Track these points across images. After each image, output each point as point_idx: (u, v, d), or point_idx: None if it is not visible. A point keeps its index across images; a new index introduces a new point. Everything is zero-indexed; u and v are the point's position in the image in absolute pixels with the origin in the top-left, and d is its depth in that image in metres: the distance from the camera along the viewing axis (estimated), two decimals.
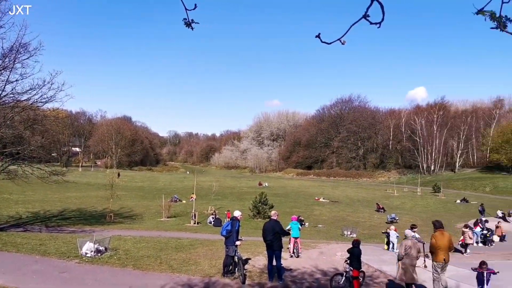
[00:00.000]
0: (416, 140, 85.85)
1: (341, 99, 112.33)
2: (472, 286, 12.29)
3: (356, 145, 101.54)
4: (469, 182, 65.43)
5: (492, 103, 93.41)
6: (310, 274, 11.64)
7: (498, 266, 17.68)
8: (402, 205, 45.26)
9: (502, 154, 71.27)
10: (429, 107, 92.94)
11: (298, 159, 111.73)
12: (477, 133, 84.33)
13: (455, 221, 32.26)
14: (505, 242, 24.38)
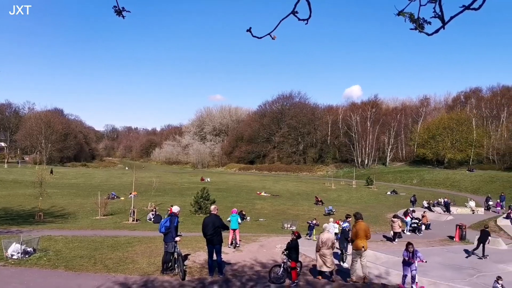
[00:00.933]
0: (352, 135, 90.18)
1: (282, 95, 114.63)
2: (400, 272, 13.26)
3: (296, 140, 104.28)
4: (398, 175, 70.18)
5: (419, 102, 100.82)
6: (250, 267, 11.81)
7: (426, 251, 19.20)
8: (339, 197, 47.43)
9: (428, 149, 77.29)
10: (363, 105, 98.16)
11: (240, 154, 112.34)
12: (406, 129, 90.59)
13: (386, 212, 34.50)
14: (430, 230, 26.51)
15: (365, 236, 10.81)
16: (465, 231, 23.40)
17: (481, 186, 51.22)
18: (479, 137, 74.03)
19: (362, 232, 10.75)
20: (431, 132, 77.62)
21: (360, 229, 10.77)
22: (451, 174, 62.71)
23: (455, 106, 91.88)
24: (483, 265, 16.96)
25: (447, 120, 77.71)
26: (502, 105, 78.28)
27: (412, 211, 28.71)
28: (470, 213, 34.08)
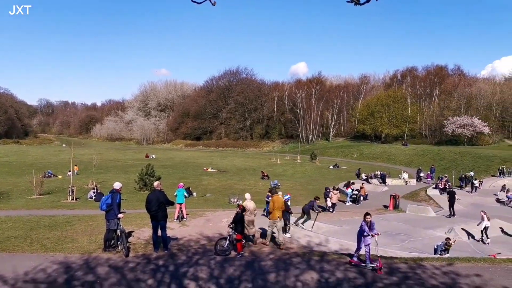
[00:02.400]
0: (297, 112, 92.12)
1: (229, 71, 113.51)
2: (338, 239, 14.06)
3: (243, 117, 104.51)
4: (340, 150, 73.28)
5: (360, 80, 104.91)
6: (196, 241, 11.86)
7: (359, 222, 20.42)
8: (284, 172, 48.69)
9: (367, 125, 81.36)
10: (308, 81, 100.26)
11: (187, 130, 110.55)
12: (348, 106, 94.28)
13: (328, 185, 36.04)
14: (367, 201, 28.21)
15: (281, 208, 12.03)
16: (398, 201, 25.22)
17: (414, 159, 55.02)
18: (413, 113, 79.11)
19: (277, 204, 11.97)
20: (370, 109, 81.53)
21: (276, 201, 12.02)
22: (388, 148, 66.61)
23: (392, 84, 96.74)
24: (413, 231, 18.47)
25: (385, 97, 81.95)
26: (435, 83, 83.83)
27: (352, 183, 30.27)
28: (403, 184, 36.65)
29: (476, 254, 14.30)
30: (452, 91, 78.87)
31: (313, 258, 9.76)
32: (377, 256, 9.15)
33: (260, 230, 13.28)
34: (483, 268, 9.06)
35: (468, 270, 8.88)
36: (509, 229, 19.11)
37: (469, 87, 77.18)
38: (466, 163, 45.83)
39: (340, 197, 25.84)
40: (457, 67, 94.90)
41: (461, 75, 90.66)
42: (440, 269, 8.92)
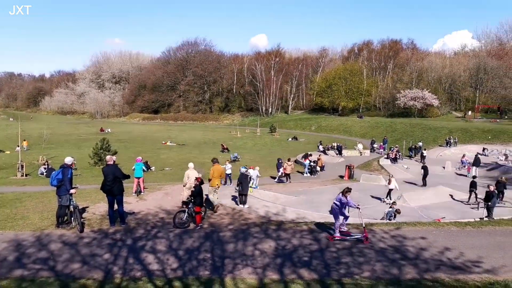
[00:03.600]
0: (257, 84, 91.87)
1: (187, 42, 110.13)
2: (296, 209, 14.50)
3: (202, 89, 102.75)
4: (299, 122, 74.43)
5: (319, 52, 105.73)
6: (155, 214, 11.80)
7: (320, 190, 21.14)
8: (244, 144, 48.93)
9: (325, 97, 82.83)
10: (267, 54, 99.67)
11: (144, 103, 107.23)
12: (307, 79, 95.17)
13: (287, 156, 36.73)
14: (324, 171, 29.08)
15: (219, 176, 13.33)
16: (353, 171, 26.26)
17: (368, 131, 57.06)
18: (369, 86, 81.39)
19: (217, 173, 13.13)
20: (328, 82, 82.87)
21: (216, 170, 13.12)
22: (344, 120, 68.50)
23: (350, 57, 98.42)
24: (365, 199, 19.41)
25: (342, 70, 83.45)
26: (390, 57, 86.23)
27: (310, 155, 31.01)
28: (358, 155, 38.08)
29: (423, 218, 15.29)
30: (405, 64, 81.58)
31: (271, 228, 10.03)
32: (362, 226, 9.42)
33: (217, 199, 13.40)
34: (428, 231, 9.74)
35: (415, 233, 9.52)
36: (456, 195, 20.53)
37: (421, 61, 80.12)
38: (416, 134, 48.17)
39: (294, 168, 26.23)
40: (411, 41, 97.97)
41: (414, 49, 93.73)
42: (388, 233, 9.50)
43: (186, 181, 12.67)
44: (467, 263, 7.60)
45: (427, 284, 6.50)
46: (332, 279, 6.68)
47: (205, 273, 6.96)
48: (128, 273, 6.99)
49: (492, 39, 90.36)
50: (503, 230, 9.86)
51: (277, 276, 6.86)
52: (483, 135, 43.12)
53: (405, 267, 7.38)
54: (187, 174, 12.74)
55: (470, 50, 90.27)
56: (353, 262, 7.65)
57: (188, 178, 12.63)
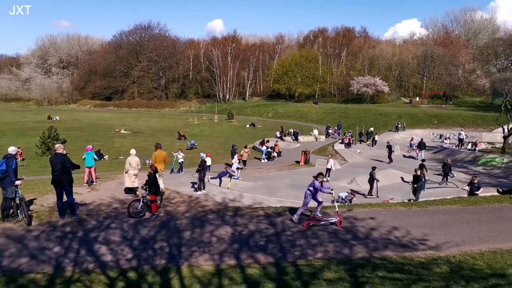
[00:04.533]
0: (214, 70, 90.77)
1: (140, 26, 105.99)
2: (252, 195, 14.65)
3: (157, 75, 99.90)
4: (256, 109, 74.71)
5: (275, 39, 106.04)
6: (108, 204, 11.45)
7: (277, 175, 21.42)
8: (201, 132, 48.46)
9: (282, 84, 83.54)
10: (224, 39, 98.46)
11: (95, 89, 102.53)
12: (264, 66, 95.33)
13: (245, 143, 36.89)
14: (281, 157, 29.53)
15: (163, 161, 13.57)
16: (309, 156, 26.88)
17: (323, 117, 58.43)
18: (324, 73, 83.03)
19: (159, 158, 13.48)
20: (284, 68, 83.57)
21: (158, 155, 13.51)
22: (300, 107, 69.61)
23: (305, 44, 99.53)
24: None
25: (298, 57, 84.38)
26: (343, 44, 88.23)
27: (267, 141, 31.32)
28: (314, 141, 38.96)
29: (373, 200, 16.03)
30: (358, 52, 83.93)
31: (228, 214, 10.08)
32: (336, 211, 9.59)
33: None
34: (377, 212, 10.23)
35: (365, 214, 9.97)
36: (405, 177, 21.62)
37: (373, 48, 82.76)
38: (368, 119, 50.01)
39: (250, 155, 26.40)
40: (363, 30, 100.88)
41: (367, 37, 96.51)
42: (341, 215, 9.86)
43: (127, 168, 12.83)
44: (413, 241, 8.09)
45: (376, 262, 6.84)
46: (287, 262, 6.86)
47: (161, 262, 6.89)
48: (79, 265, 6.77)
49: (439, 27, 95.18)
50: (445, 209, 10.56)
51: (234, 261, 6.93)
52: (429, 120, 45.61)
53: (356, 246, 7.73)
54: (129, 161, 12.92)
55: (418, 38, 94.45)
56: (307, 244, 7.89)
57: (129, 165, 12.83)
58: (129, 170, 12.80)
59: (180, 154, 20.66)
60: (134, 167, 12.91)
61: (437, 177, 21.97)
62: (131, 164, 12.86)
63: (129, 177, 12.85)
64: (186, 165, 22.22)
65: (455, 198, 12.00)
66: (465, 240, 8.03)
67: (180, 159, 20.37)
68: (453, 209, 10.46)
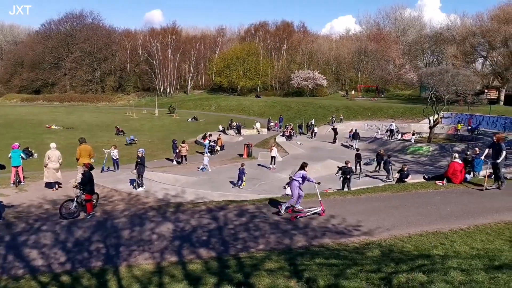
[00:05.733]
0: (153, 63, 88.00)
1: (71, 14, 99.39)
2: (195, 190, 14.52)
3: (92, 67, 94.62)
4: (198, 103, 73.82)
5: (216, 32, 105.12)
6: (38, 206, 10.73)
7: (220, 169, 21.36)
8: (141, 126, 46.91)
9: (224, 77, 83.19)
10: (163, 31, 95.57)
11: (22, 82, 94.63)
12: (205, 58, 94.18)
13: (187, 137, 36.36)
14: (224, 151, 29.55)
15: (88, 155, 13.42)
16: (251, 149, 27.17)
17: (265, 110, 59.25)
18: (265, 67, 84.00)
19: (84, 152, 13.38)
20: (226, 61, 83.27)
21: (83, 150, 13.42)
22: (243, 100, 69.94)
23: (247, 37, 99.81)
24: (263, 175, 20.32)
25: (240, 50, 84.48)
26: (283, 38, 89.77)
27: (210, 135, 31.13)
28: (256, 134, 39.44)
29: (313, 190, 16.63)
30: (297, 46, 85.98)
31: (169, 210, 9.89)
32: (319, 200, 9.70)
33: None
34: (316, 202, 10.60)
35: (304, 204, 10.29)
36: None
37: (311, 43, 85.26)
38: (308, 112, 51.57)
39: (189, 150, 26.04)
40: (302, 24, 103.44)
41: (305, 32, 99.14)
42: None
43: (46, 162, 12.79)
44: (348, 227, 8.52)
45: (314, 250, 7.12)
46: (229, 255, 6.90)
47: (98, 264, 6.60)
48: (7, 272, 6.29)
49: (371, 24, 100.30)
50: (377, 196, 11.23)
51: (175, 258, 6.83)
52: (364, 112, 48.09)
53: (296, 236, 7.98)
54: (47, 155, 12.86)
55: (353, 34, 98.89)
56: (249, 236, 7.99)
57: (48, 159, 12.78)
58: (48, 164, 12.69)
59: (114, 151, 19.20)
60: (54, 161, 12.83)
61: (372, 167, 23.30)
62: (50, 158, 12.73)
63: (48, 171, 12.78)
64: (125, 161, 21.48)
65: (386, 186, 12.83)
66: (395, 225, 8.61)
67: (114, 156, 19.03)
68: (384, 196, 11.16)
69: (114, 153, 19.06)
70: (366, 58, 78.05)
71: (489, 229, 8.22)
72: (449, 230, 8.17)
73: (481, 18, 61.73)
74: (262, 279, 5.19)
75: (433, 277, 4.63)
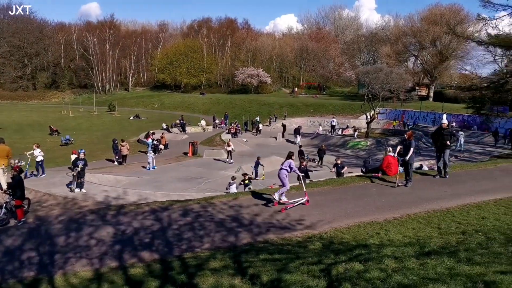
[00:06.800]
0: (90, 58, 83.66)
1: None
2: (137, 190, 14.08)
3: (22, 63, 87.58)
4: (141, 100, 71.47)
5: (158, 27, 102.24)
6: None
7: (164, 168, 20.87)
8: (79, 125, 44.47)
9: (167, 74, 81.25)
10: (100, 25, 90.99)
11: None
12: (147, 54, 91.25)
13: (129, 136, 35.10)
14: (168, 149, 28.92)
15: (6, 156, 13.21)
16: (196, 147, 26.87)
17: (210, 107, 58.85)
18: (209, 64, 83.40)
19: (1, 153, 13.11)
20: (169, 58, 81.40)
21: (0, 150, 13.12)
22: (187, 97, 68.89)
23: (190, 34, 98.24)
24: (209, 174, 20.19)
25: (183, 47, 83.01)
26: (227, 35, 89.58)
27: (153, 133, 30.28)
28: (201, 131, 39.08)
29: (259, 186, 16.84)
30: (241, 43, 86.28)
31: (109, 213, 9.49)
32: (304, 190, 10.02)
33: None
34: (261, 198, 10.75)
35: (250, 201, 10.39)
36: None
37: (255, 41, 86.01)
38: (253, 109, 52.04)
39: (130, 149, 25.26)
40: (246, 21, 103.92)
41: (249, 29, 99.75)
42: (227, 204, 10.12)
43: None
44: (292, 222, 8.73)
45: (259, 246, 7.21)
46: (173, 256, 6.78)
47: (30, 274, 6.17)
48: None
49: (312, 23, 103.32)
50: (319, 190, 11.62)
51: (116, 263, 6.57)
52: (306, 109, 49.54)
53: (241, 233, 8.03)
54: None
55: (295, 32, 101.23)
56: (194, 236, 7.91)
57: None
58: None
59: (37, 151, 16.63)
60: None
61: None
62: None
63: None
64: (61, 162, 20.30)
65: (327, 180, 13.31)
66: (335, 217, 8.97)
67: (38, 157, 16.41)
68: (325, 190, 11.57)
69: (37, 154, 16.46)
70: (308, 56, 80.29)
71: (420, 217, 8.84)
72: (384, 220, 8.68)
73: (412, 20, 66.22)
74: (206, 279, 5.18)
75: (369, 266, 4.90)
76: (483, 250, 5.47)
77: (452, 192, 10.65)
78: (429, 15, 59.82)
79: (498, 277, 4.01)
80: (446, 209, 9.28)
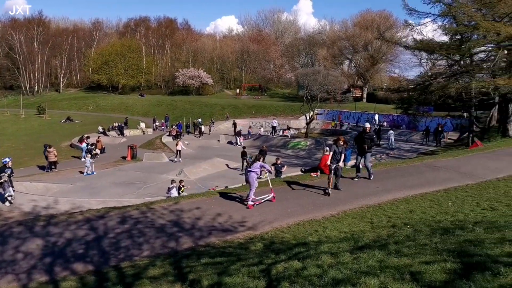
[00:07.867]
0: (16, 58, 77.43)
1: None
2: (70, 198, 13.27)
3: None
4: (73, 102, 67.48)
5: (92, 25, 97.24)
6: None
7: (100, 174, 19.87)
8: (4, 130, 41.03)
9: (102, 74, 77.52)
10: (27, 22, 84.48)
11: None
12: (79, 54, 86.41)
13: (61, 140, 33.03)
14: (105, 154, 27.57)
15: None
16: (136, 150, 25.94)
17: (150, 109, 57.15)
18: (148, 64, 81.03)
19: None
20: (104, 57, 77.80)
21: None
22: (125, 99, 66.30)
23: (126, 33, 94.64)
24: (149, 178, 19.59)
25: (120, 46, 79.77)
26: (167, 36, 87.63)
27: (87, 137, 28.73)
28: (141, 134, 37.82)
29: (201, 189, 16.65)
30: (182, 44, 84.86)
31: (38, 224, 8.83)
32: (270, 187, 10.25)
33: None
34: (202, 201, 10.63)
35: (191, 205, 10.23)
36: (230, 164, 23.19)
37: (196, 41, 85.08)
38: (195, 111, 51.36)
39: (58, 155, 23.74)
40: (186, 22, 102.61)
41: (189, 29, 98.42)
42: (168, 209, 9.88)
43: None
44: (234, 224, 8.74)
45: (200, 250, 7.13)
46: (109, 267, 6.48)
47: None
48: None
49: (252, 25, 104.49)
50: (260, 191, 11.75)
51: (46, 277, 6.14)
52: (248, 110, 49.96)
53: (182, 238, 7.88)
54: None
55: (236, 34, 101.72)
56: (133, 244, 7.62)
57: None
58: None
59: None
60: None
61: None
62: None
63: None
64: None
65: (267, 181, 13.50)
66: (277, 217, 9.13)
67: None
68: (266, 191, 11.75)
69: None
70: (249, 57, 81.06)
71: (354, 213, 9.29)
72: (322, 217, 9.01)
73: (346, 25, 69.61)
74: None
75: (307, 263, 5.05)
76: (410, 242, 5.86)
77: (383, 188, 11.32)
78: (361, 21, 63.33)
79: (423, 267, 4.31)
80: (378, 204, 9.84)
